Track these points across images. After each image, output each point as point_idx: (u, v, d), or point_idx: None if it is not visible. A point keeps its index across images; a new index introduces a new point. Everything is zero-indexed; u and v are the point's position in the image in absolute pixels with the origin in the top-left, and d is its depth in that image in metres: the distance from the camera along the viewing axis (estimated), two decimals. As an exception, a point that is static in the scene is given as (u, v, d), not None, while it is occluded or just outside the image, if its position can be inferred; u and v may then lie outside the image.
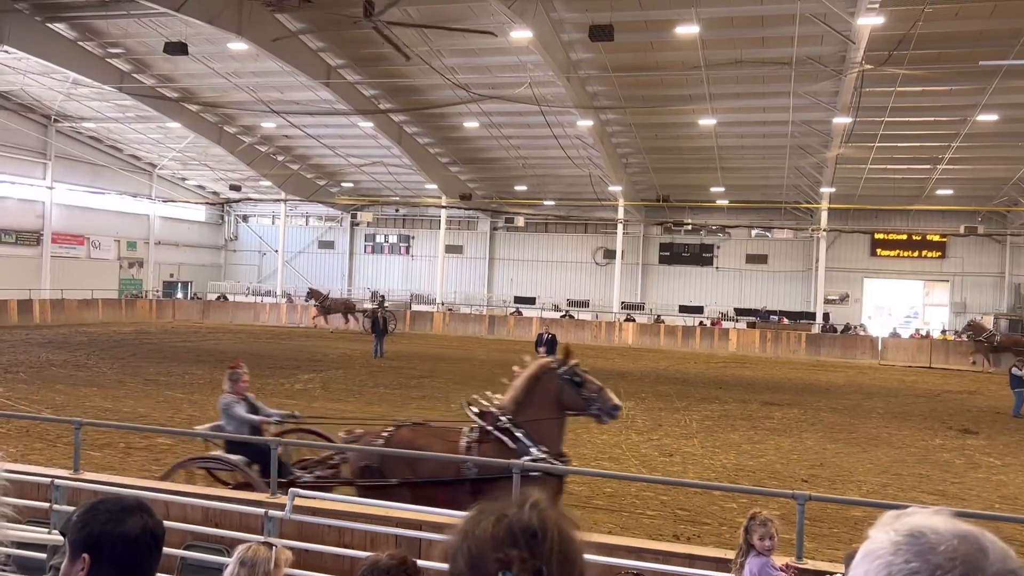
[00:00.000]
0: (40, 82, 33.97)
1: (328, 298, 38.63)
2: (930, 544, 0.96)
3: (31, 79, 33.57)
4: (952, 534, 0.97)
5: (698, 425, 16.40)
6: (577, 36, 25.97)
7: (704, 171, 38.17)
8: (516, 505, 1.27)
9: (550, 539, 1.22)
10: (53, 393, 16.88)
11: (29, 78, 33.44)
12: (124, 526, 1.95)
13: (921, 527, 0.99)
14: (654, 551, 5.63)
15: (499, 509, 1.27)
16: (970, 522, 1.02)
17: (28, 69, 32.14)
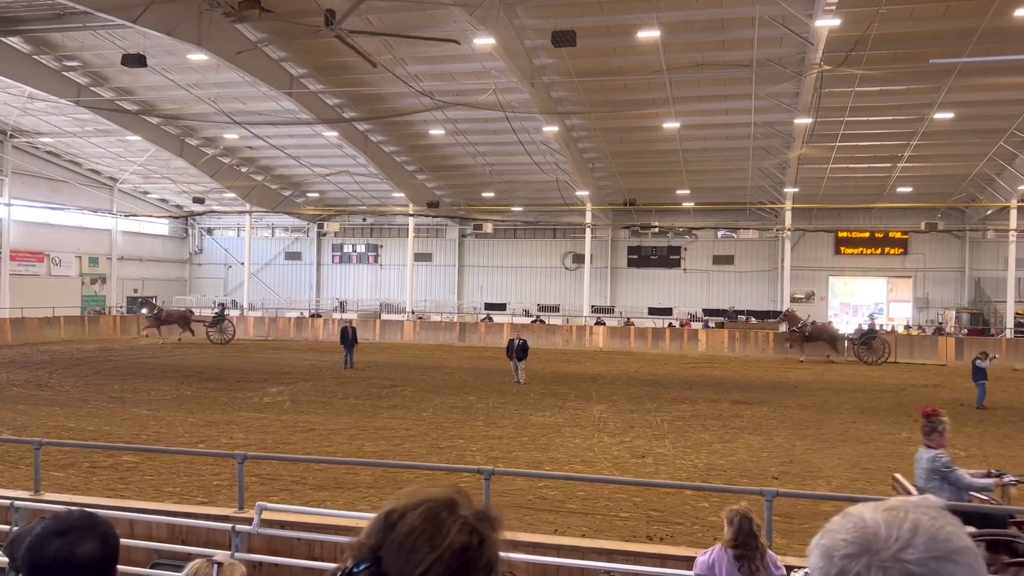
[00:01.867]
0: (-5, 97, 33.32)
1: (162, 309, 38.09)
2: (865, 523, 1.00)
3: (-15, 94, 32.93)
4: (889, 518, 1.00)
5: (669, 426, 16.47)
6: (540, 42, 26.07)
7: (669, 174, 38.48)
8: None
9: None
10: (14, 414, 16.51)
11: (-17, 93, 32.80)
12: (70, 546, 1.85)
13: (858, 510, 1.03)
14: (625, 552, 5.63)
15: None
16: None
17: (-18, 84, 31.53)
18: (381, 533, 1.16)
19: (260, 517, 6.38)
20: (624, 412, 18.16)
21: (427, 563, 1.11)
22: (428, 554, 1.11)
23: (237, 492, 7.57)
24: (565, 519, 9.56)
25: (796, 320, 34.27)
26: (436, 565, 1.11)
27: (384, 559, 1.13)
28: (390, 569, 1.12)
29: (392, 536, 1.14)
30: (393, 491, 6.19)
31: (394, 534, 1.14)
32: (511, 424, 16.35)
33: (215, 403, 18.59)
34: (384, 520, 1.17)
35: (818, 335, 33.76)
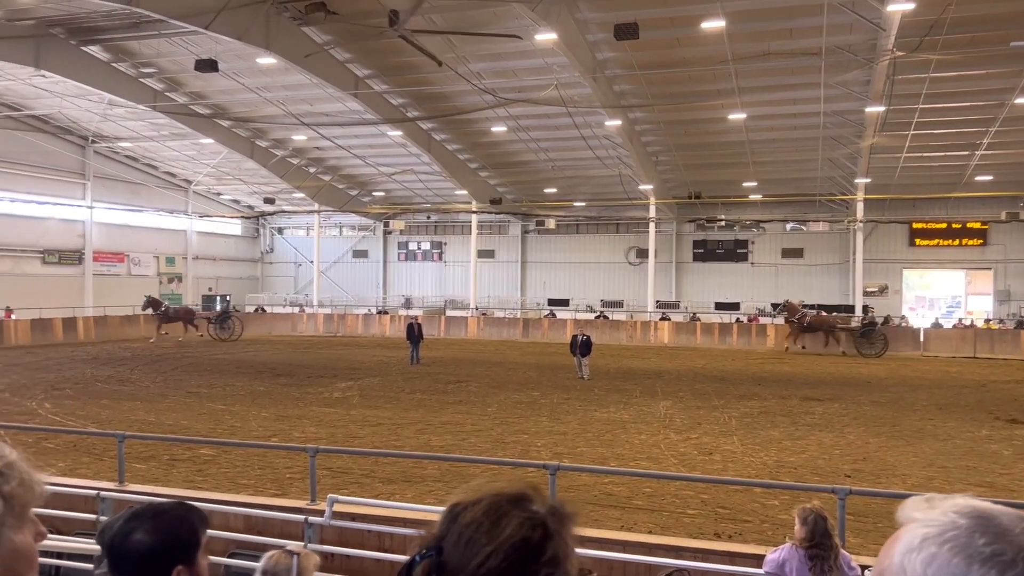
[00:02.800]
0: (77, 104, 34.73)
1: (168, 307, 37.66)
2: (1004, 526, 0.91)
3: (68, 101, 34.34)
4: (1016, 516, 0.92)
5: (737, 422, 16.23)
6: (602, 36, 25.91)
7: (736, 166, 37.84)
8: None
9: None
10: (98, 408, 17.22)
11: (66, 101, 34.21)
12: (124, 535, 1.98)
13: (985, 509, 0.94)
14: (693, 549, 5.59)
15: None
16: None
17: (65, 92, 32.90)
18: (445, 524, 1.19)
19: (332, 509, 6.54)
20: (690, 408, 17.97)
21: (483, 555, 1.13)
22: (485, 546, 1.13)
23: (309, 485, 7.78)
24: (631, 515, 9.52)
25: (795, 311, 34.59)
26: (492, 557, 1.13)
27: (446, 549, 1.16)
28: (450, 559, 1.15)
29: (454, 527, 1.17)
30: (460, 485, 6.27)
31: (456, 526, 1.17)
32: (575, 420, 16.35)
33: (287, 398, 19.06)
34: (449, 512, 1.21)
35: (817, 326, 34.04)
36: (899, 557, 0.94)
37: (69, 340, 35.14)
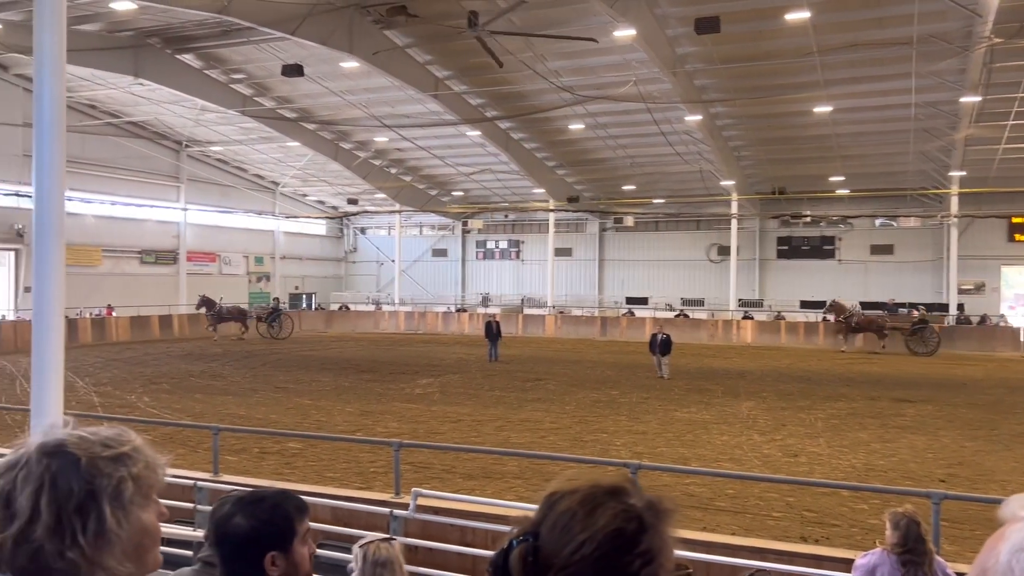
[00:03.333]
0: (171, 110, 36.26)
1: (222, 306, 37.05)
2: None
3: (164, 108, 35.90)
4: None
5: (824, 424, 15.82)
6: (682, 30, 25.58)
7: (822, 160, 36.78)
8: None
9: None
10: (193, 402, 17.96)
11: (162, 107, 35.78)
12: (226, 520, 2.10)
13: None
14: (778, 551, 5.50)
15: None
16: None
17: (161, 99, 34.40)
18: (542, 511, 1.23)
19: (415, 503, 6.68)
20: (775, 409, 17.59)
21: (577, 542, 1.15)
22: (579, 534, 1.16)
23: (393, 478, 7.96)
24: (714, 517, 9.41)
25: (843, 310, 34.10)
26: (586, 545, 1.15)
27: (542, 535, 1.19)
28: (546, 545, 1.18)
29: (550, 515, 1.20)
30: (539, 482, 6.36)
31: (552, 513, 1.20)
32: (655, 420, 16.21)
33: (370, 394, 19.49)
34: (546, 500, 1.24)
35: (866, 326, 33.49)
36: (1007, 556, 0.91)
37: (165, 336, 36.72)
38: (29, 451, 1.31)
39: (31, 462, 1.29)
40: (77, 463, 1.29)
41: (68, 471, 1.27)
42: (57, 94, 7.66)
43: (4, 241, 35.16)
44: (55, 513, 1.24)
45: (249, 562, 2.08)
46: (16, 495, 1.26)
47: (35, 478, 1.27)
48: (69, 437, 1.33)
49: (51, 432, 1.35)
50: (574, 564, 1.15)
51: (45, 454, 1.30)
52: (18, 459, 1.31)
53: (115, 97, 35.57)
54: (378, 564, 3.33)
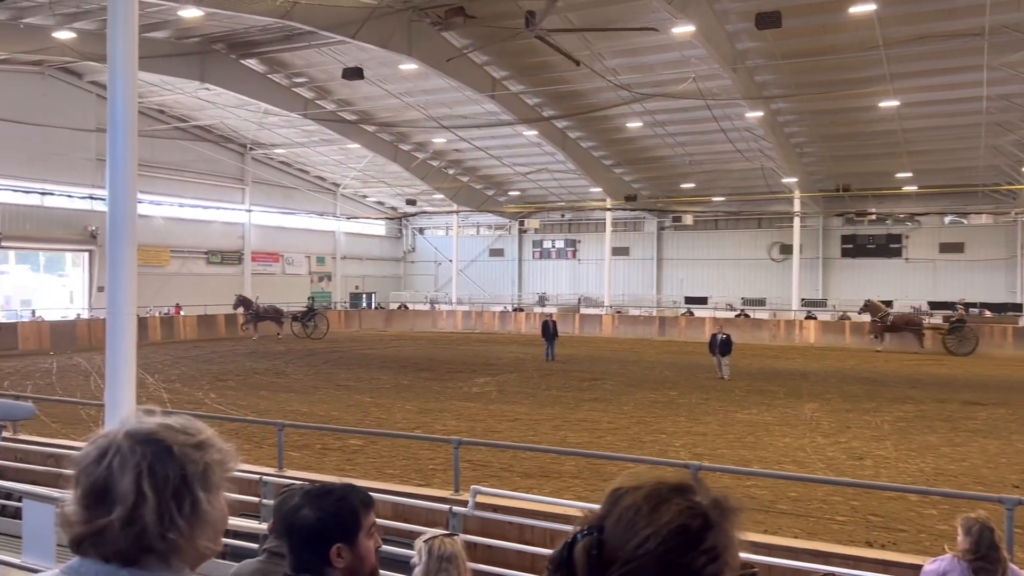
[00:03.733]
0: (236, 114, 37.19)
1: (259, 306, 37.27)
2: None
3: (229, 112, 36.84)
4: None
5: (890, 427, 15.41)
6: (742, 25, 25.18)
7: (888, 156, 35.80)
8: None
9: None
10: (257, 399, 18.40)
11: (227, 111, 36.72)
12: (294, 512, 2.16)
13: None
14: (843, 555, 5.40)
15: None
16: None
17: (226, 103, 35.33)
18: (606, 506, 1.24)
19: (475, 500, 6.74)
20: (839, 411, 17.21)
21: (641, 537, 1.16)
22: (643, 529, 1.16)
23: (452, 476, 8.04)
24: (775, 520, 9.26)
25: (878, 310, 33.92)
26: (651, 540, 1.16)
27: (606, 529, 1.21)
28: (610, 539, 1.19)
29: (615, 510, 1.21)
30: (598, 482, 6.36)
31: (616, 508, 1.21)
32: (715, 421, 16.01)
33: (429, 392, 19.69)
34: (611, 495, 1.26)
35: (901, 325, 33.31)
36: None
37: (231, 335, 37.65)
38: (117, 440, 1.40)
39: (124, 450, 1.38)
40: (170, 450, 1.39)
41: (163, 458, 1.38)
42: (129, 100, 7.94)
43: (79, 243, 36.54)
44: (157, 497, 1.35)
45: (316, 553, 2.13)
46: (115, 481, 1.36)
47: (133, 465, 1.36)
48: (157, 427, 1.43)
49: (135, 422, 1.44)
50: (638, 559, 1.16)
51: (138, 442, 1.39)
52: (107, 448, 1.39)
53: (182, 102, 36.64)
54: (443, 559, 3.37)
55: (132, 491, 1.35)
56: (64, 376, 22.50)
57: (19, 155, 33.05)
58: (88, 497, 1.37)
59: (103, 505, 1.35)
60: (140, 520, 1.34)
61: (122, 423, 1.44)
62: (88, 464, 1.39)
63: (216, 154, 41.85)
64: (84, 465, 1.40)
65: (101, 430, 1.49)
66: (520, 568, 6.25)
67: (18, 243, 34.82)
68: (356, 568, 2.15)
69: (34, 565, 5.71)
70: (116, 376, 8.14)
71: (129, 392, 8.15)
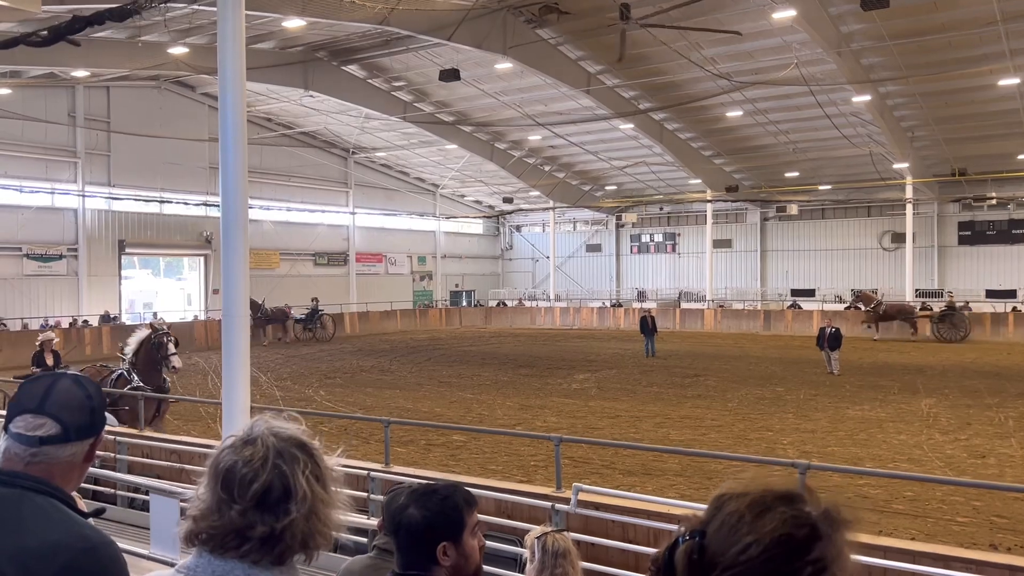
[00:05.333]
0: (338, 120, 38.32)
1: (265, 309, 34.89)
2: None
3: (331, 118, 38.01)
4: None
5: (1016, 423, 14.55)
6: (847, 8, 24.20)
7: (1008, 137, 33.70)
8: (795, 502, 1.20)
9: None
10: (364, 395, 18.94)
11: (330, 117, 37.90)
12: (401, 511, 2.23)
13: None
14: (964, 560, 5.14)
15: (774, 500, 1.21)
16: None
17: (329, 109, 36.45)
18: (710, 511, 1.24)
19: (576, 497, 6.75)
20: (958, 407, 16.37)
21: (743, 544, 1.15)
22: (746, 536, 1.16)
23: (554, 472, 8.06)
24: (890, 520, 8.89)
25: (870, 300, 34.52)
26: (753, 547, 1.15)
27: (708, 534, 1.20)
28: (711, 544, 1.19)
29: (718, 515, 1.21)
30: (701, 480, 6.27)
31: (720, 514, 1.21)
32: (825, 417, 15.49)
33: (528, 388, 19.81)
34: (715, 500, 1.25)
35: (894, 314, 34.02)
36: None
37: (337, 333, 38.82)
38: (271, 443, 1.54)
39: (286, 453, 1.53)
40: (314, 453, 1.57)
41: (315, 458, 1.56)
42: (239, 109, 8.32)
43: (195, 247, 38.46)
44: (322, 492, 1.53)
45: (423, 551, 2.19)
46: (290, 482, 1.50)
47: (301, 466, 1.52)
48: (297, 431, 1.59)
49: (270, 425, 1.58)
50: (739, 565, 1.15)
51: (293, 445, 1.55)
52: (265, 454, 1.52)
53: (288, 109, 38.03)
54: (558, 555, 3.40)
55: (308, 491, 1.50)
56: (183, 375, 23.68)
57: (140, 166, 35.08)
58: (261, 499, 1.48)
59: (277, 505, 1.48)
60: (314, 516, 1.50)
61: (257, 427, 1.56)
62: (250, 468, 1.50)
63: (320, 159, 43.25)
64: (246, 469, 1.50)
65: (231, 434, 1.60)
66: (623, 566, 6.22)
67: (140, 249, 36.95)
68: (461, 566, 2.20)
69: (161, 556, 6.06)
70: (232, 375, 8.55)
71: (244, 390, 8.54)
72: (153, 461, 9.62)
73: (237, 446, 1.53)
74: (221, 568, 1.47)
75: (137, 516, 8.14)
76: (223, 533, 1.48)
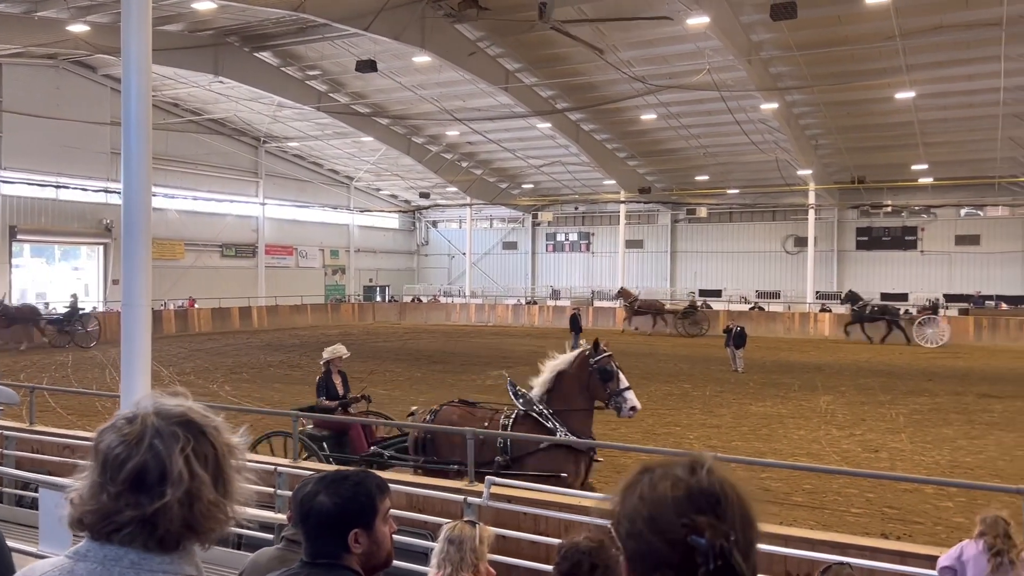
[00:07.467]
0: (250, 107, 37.27)
1: (8, 307, 28.72)
2: None
3: (242, 105, 36.93)
4: None
5: (906, 419, 15.33)
6: (757, 17, 25.02)
7: (904, 148, 35.52)
8: (686, 468, 1.24)
9: (732, 503, 1.20)
10: (272, 391, 18.49)
11: (240, 104, 36.81)
12: (311, 498, 2.16)
13: None
14: (860, 547, 5.36)
15: (671, 472, 1.25)
16: None
17: (239, 96, 35.40)
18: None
19: (489, 491, 6.75)
20: (854, 404, 17.13)
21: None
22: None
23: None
24: (790, 512, 9.23)
25: (629, 295, 38.48)
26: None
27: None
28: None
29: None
30: (610, 474, 6.30)
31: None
32: (729, 413, 15.96)
33: (443, 384, 19.73)
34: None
35: (646, 309, 37.64)
36: None
37: (245, 328, 37.85)
38: (151, 422, 1.41)
39: (164, 432, 1.40)
40: (204, 431, 1.43)
41: (200, 438, 1.42)
42: (143, 93, 7.96)
43: (94, 236, 36.78)
44: (208, 476, 1.40)
45: (333, 539, 2.13)
46: (165, 462, 1.37)
47: (179, 446, 1.39)
48: (186, 408, 1.46)
49: (156, 404, 1.45)
50: None
51: (175, 424, 1.41)
52: (143, 431, 1.40)
53: (196, 95, 36.77)
54: (449, 540, 3.46)
55: (186, 472, 1.37)
56: (79, 368, 22.67)
57: (34, 148, 33.26)
58: (131, 481, 1.37)
59: (152, 488, 1.36)
60: (193, 500, 1.37)
61: (141, 405, 1.44)
62: (123, 448, 1.39)
63: (230, 147, 41.98)
64: (118, 449, 1.39)
65: (118, 414, 1.49)
66: (534, 558, 6.25)
67: (33, 236, 35.07)
68: (373, 553, 2.15)
69: (51, 553, 5.75)
70: (131, 368, 8.17)
71: (144, 384, 8.18)
72: (44, 456, 9.14)
73: (118, 425, 1.43)
74: (113, 553, 1.38)
75: (26, 515, 7.72)
76: (99, 517, 1.38)
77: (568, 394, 7.99)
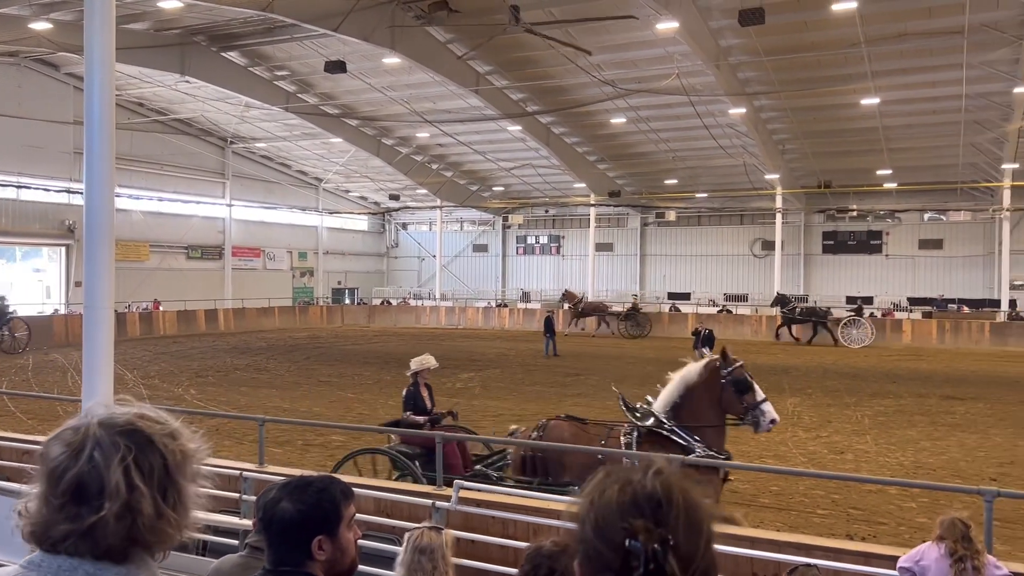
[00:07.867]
0: (217, 107, 36.85)
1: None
2: None
3: (209, 105, 36.50)
4: None
5: (871, 421, 15.53)
6: (726, 22, 25.26)
7: (869, 153, 36.08)
8: (640, 471, 1.24)
9: (676, 507, 1.18)
10: (238, 395, 18.26)
11: (207, 104, 36.38)
12: (274, 504, 2.13)
13: None
14: (825, 548, 5.41)
15: (624, 475, 1.24)
16: None
17: (206, 96, 34.98)
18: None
19: (458, 495, 6.71)
20: (820, 406, 17.33)
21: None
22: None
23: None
24: (757, 514, 9.30)
25: (573, 297, 39.13)
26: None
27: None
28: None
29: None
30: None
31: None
32: (698, 415, 16.04)
33: (411, 388, 19.58)
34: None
35: (591, 311, 38.41)
36: None
37: (211, 330, 37.37)
38: (92, 432, 1.36)
39: (105, 443, 1.35)
40: (151, 440, 1.37)
41: (146, 448, 1.36)
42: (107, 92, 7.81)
43: (55, 237, 36.09)
44: (149, 489, 1.34)
45: (296, 546, 2.09)
46: (103, 476, 1.32)
47: (119, 458, 1.33)
48: (133, 417, 1.39)
49: (104, 412, 1.40)
50: None
51: (118, 433, 1.36)
52: (83, 441, 1.35)
53: (162, 95, 36.27)
54: (419, 550, 3.38)
55: (124, 484, 1.32)
56: (40, 372, 22.22)
57: (-5, 148, 32.60)
58: (71, 493, 1.33)
59: (91, 500, 1.32)
60: (133, 513, 1.32)
61: (90, 414, 1.40)
62: (64, 459, 1.35)
63: (196, 148, 41.45)
64: (60, 460, 1.35)
65: (67, 423, 1.45)
66: (503, 562, 6.22)
67: (-7, 237, 34.37)
68: (337, 560, 2.12)
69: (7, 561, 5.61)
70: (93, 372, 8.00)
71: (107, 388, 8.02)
72: (2, 462, 8.93)
73: (64, 435, 1.38)
74: (68, 564, 1.33)
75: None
76: (43, 528, 1.34)
77: (697, 409, 7.41)
